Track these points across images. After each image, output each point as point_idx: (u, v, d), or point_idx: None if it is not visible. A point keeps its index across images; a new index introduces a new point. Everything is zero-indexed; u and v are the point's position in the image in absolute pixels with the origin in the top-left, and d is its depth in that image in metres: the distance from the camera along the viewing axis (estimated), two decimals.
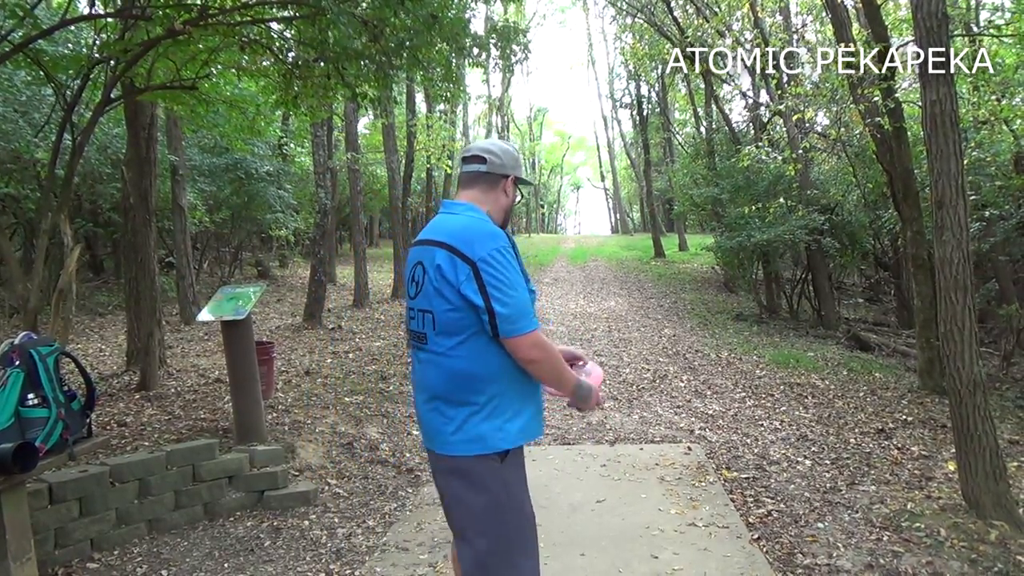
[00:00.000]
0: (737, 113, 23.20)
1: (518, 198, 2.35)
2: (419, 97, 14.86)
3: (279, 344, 9.05)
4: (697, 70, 14.71)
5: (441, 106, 15.75)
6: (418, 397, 2.18)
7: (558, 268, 23.05)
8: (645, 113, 29.65)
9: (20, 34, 4.95)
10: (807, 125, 12.47)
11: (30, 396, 2.84)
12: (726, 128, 17.41)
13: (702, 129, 21.42)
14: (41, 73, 5.03)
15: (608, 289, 17.17)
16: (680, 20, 16.42)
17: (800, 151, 11.12)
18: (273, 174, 14.76)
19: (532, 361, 2.02)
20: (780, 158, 11.68)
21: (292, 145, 17.81)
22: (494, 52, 6.87)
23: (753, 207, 12.22)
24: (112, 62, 4.96)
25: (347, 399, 6.58)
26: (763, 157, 11.59)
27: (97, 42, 5.73)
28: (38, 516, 3.43)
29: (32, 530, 2.86)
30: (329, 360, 8.36)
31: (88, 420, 3.11)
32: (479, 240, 2.00)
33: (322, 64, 5.59)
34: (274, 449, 4.66)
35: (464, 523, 2.10)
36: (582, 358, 2.42)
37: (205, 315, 4.90)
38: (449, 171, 19.91)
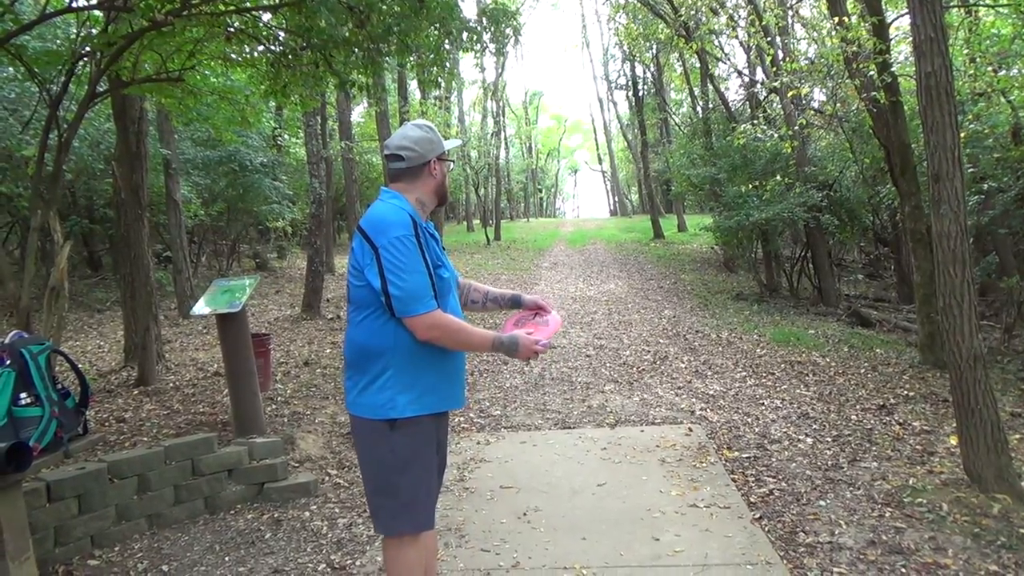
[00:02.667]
0: (733, 91, 23.12)
1: (450, 167, 2.58)
2: (412, 84, 14.78)
3: (278, 336, 9.04)
4: (691, 47, 14.59)
5: (436, 92, 15.66)
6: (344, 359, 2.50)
7: (557, 252, 23.02)
8: (641, 94, 29.59)
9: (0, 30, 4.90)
10: (803, 101, 12.40)
11: (22, 396, 2.82)
12: (722, 107, 17.35)
13: (698, 109, 21.27)
14: (26, 70, 4.98)
15: (607, 272, 17.14)
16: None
17: (797, 128, 11.08)
18: (268, 165, 14.71)
19: (431, 339, 2.25)
20: (777, 135, 11.63)
21: (286, 136, 17.76)
22: (485, 36, 6.79)
23: (751, 185, 12.18)
24: (97, 55, 4.91)
25: None
26: (759, 135, 11.55)
27: (81, 36, 5.67)
28: (37, 515, 3.43)
29: (31, 529, 2.85)
30: (328, 350, 8.35)
31: (83, 417, 3.09)
32: (385, 228, 2.22)
33: (310, 52, 5.53)
34: (273, 441, 4.65)
35: (360, 467, 2.45)
36: (544, 308, 2.66)
37: (199, 308, 4.88)
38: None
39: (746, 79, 17.34)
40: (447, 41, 6.22)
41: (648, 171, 29.61)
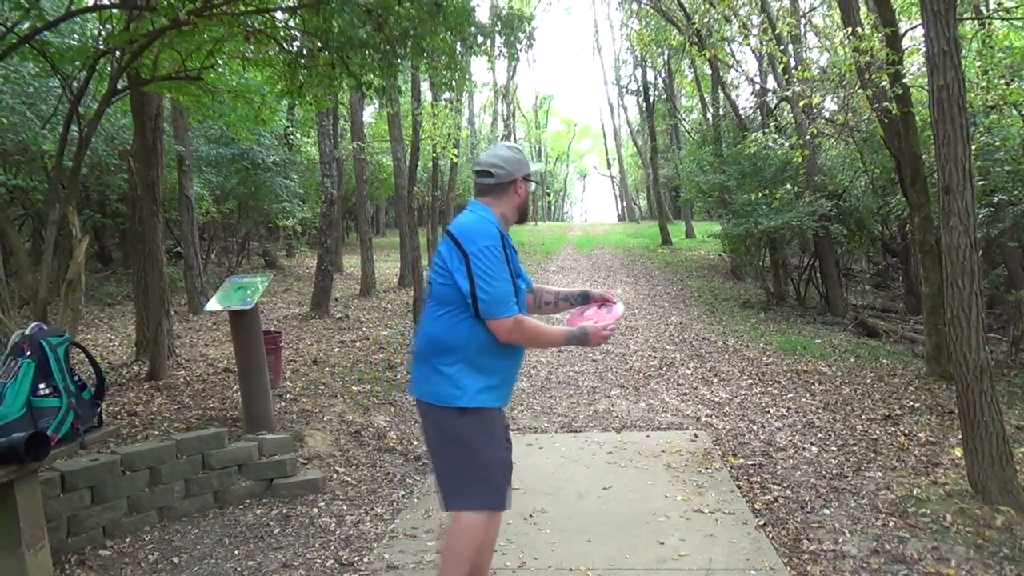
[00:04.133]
0: (744, 99, 23.12)
1: (531, 187, 2.79)
2: (424, 86, 14.84)
3: (287, 333, 9.09)
4: (704, 54, 14.62)
5: (447, 95, 15.70)
6: (413, 351, 2.66)
7: (564, 256, 23.03)
8: (651, 100, 29.53)
9: (26, 26, 4.97)
10: (814, 111, 12.38)
11: (41, 386, 2.88)
12: (733, 114, 17.35)
13: (709, 115, 21.29)
14: (47, 65, 5.04)
15: (615, 277, 17.16)
16: (686, 5, 16.32)
17: (807, 137, 11.03)
18: (279, 164, 14.78)
19: (512, 340, 2.47)
20: (787, 144, 11.60)
21: (298, 135, 17.83)
22: (498, 40, 6.83)
23: (760, 193, 12.18)
24: (118, 53, 4.98)
25: (354, 388, 6.62)
26: (770, 143, 11.53)
27: (102, 33, 5.74)
28: (51, 504, 3.48)
29: (45, 518, 2.90)
30: (336, 349, 8.40)
31: (99, 409, 3.14)
32: (475, 236, 2.44)
33: (326, 53, 5.58)
34: (283, 437, 4.70)
35: (429, 449, 2.68)
36: (609, 299, 2.92)
37: (213, 305, 4.93)
38: (455, 159, 19.87)
39: (757, 87, 17.35)
40: (460, 45, 6.27)
41: (657, 177, 29.61)
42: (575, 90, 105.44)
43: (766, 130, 12.04)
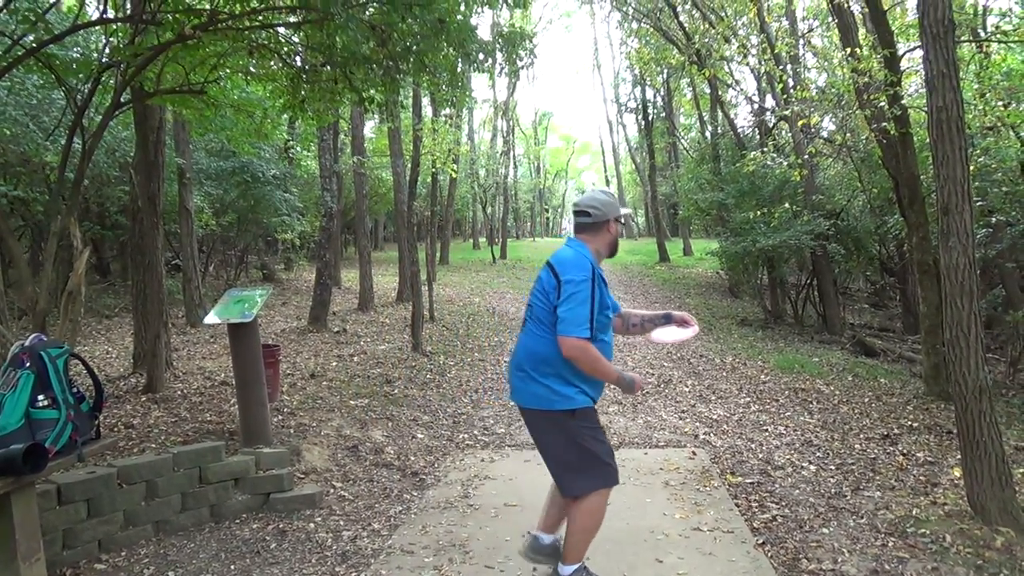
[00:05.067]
0: (742, 118, 23.22)
1: (621, 229, 3.26)
2: (425, 101, 14.92)
3: (284, 347, 9.07)
4: (703, 73, 14.72)
5: (447, 111, 15.77)
6: (511, 361, 3.10)
7: None
8: (650, 118, 29.71)
9: (32, 39, 4.99)
10: (813, 130, 12.47)
11: (40, 398, 2.87)
12: (731, 133, 17.43)
13: (707, 134, 21.41)
14: (52, 77, 5.06)
15: (613, 294, 17.16)
16: (686, 25, 16.45)
17: (806, 156, 11.13)
18: (279, 177, 14.80)
19: (571, 357, 2.82)
20: (785, 163, 11.68)
21: (298, 149, 17.87)
22: (500, 57, 6.87)
23: (758, 212, 12.24)
24: (122, 66, 5.00)
25: (352, 402, 6.60)
26: (768, 162, 11.61)
27: (107, 47, 5.77)
28: (47, 517, 3.46)
29: (41, 531, 2.88)
30: (334, 363, 8.38)
31: (96, 422, 3.13)
32: (570, 268, 2.88)
33: (329, 68, 5.61)
34: (280, 452, 4.68)
35: (539, 447, 3.09)
36: (688, 321, 3.32)
37: (212, 318, 4.93)
38: (455, 175, 19.93)
39: (756, 106, 17.44)
40: (462, 61, 6.30)
41: (655, 194, 29.72)
42: (574, 107, 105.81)
43: (764, 149, 12.12)
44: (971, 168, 4.63)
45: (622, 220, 3.19)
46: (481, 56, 5.98)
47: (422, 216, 21.51)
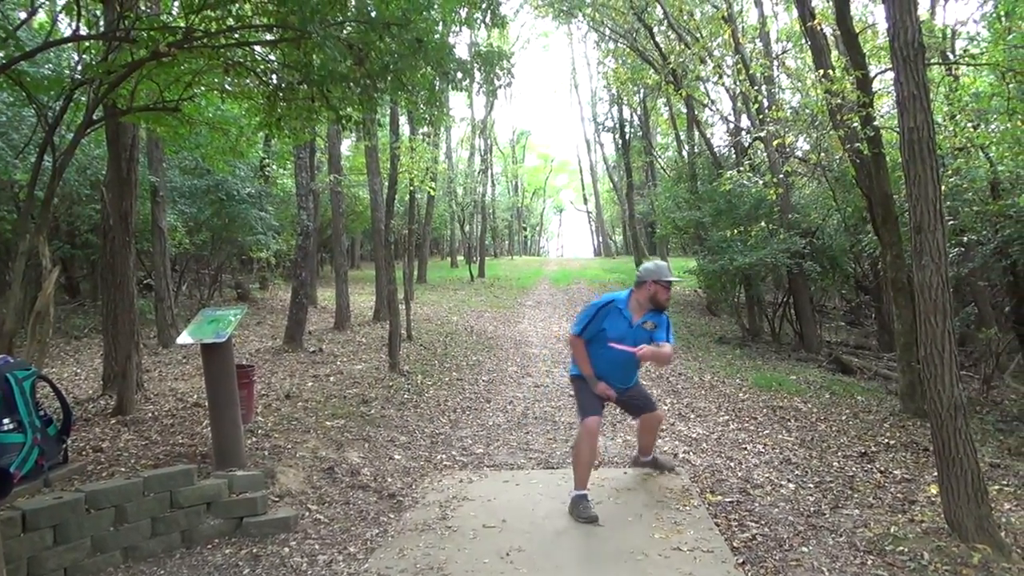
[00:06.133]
0: (719, 137, 23.52)
1: (657, 293, 4.63)
2: (402, 119, 14.93)
3: (259, 367, 8.97)
4: (680, 93, 14.90)
5: (424, 128, 15.79)
6: None
7: (541, 291, 23.11)
8: (627, 137, 29.92)
9: (2, 55, 4.94)
10: (788, 150, 12.65)
11: (5, 421, 2.82)
12: (708, 152, 17.65)
13: (684, 153, 21.60)
14: (22, 94, 5.01)
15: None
16: (662, 46, 16.66)
17: (781, 176, 11.27)
18: (255, 196, 14.72)
19: (571, 347, 4.87)
20: (761, 182, 11.82)
21: (274, 167, 17.78)
22: (478, 76, 6.91)
23: (735, 231, 12.37)
24: (95, 83, 4.96)
25: (328, 423, 6.54)
26: (744, 181, 11.75)
27: (80, 64, 5.72)
28: (11, 545, 3.36)
29: (4, 559, 2.80)
30: (310, 383, 8.31)
31: (64, 446, 3.08)
32: (599, 299, 4.75)
33: (306, 87, 5.60)
34: (253, 475, 4.61)
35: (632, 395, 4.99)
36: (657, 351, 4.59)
37: (185, 338, 4.86)
38: (433, 192, 19.94)
39: (732, 125, 17.69)
40: (440, 80, 6.33)
41: (633, 213, 29.86)
42: (552, 126, 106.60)
43: (740, 168, 12.27)
44: (943, 188, 4.72)
45: (662, 283, 4.58)
46: (459, 75, 6.01)
47: (399, 234, 21.47)
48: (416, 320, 14.24)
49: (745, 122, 17.54)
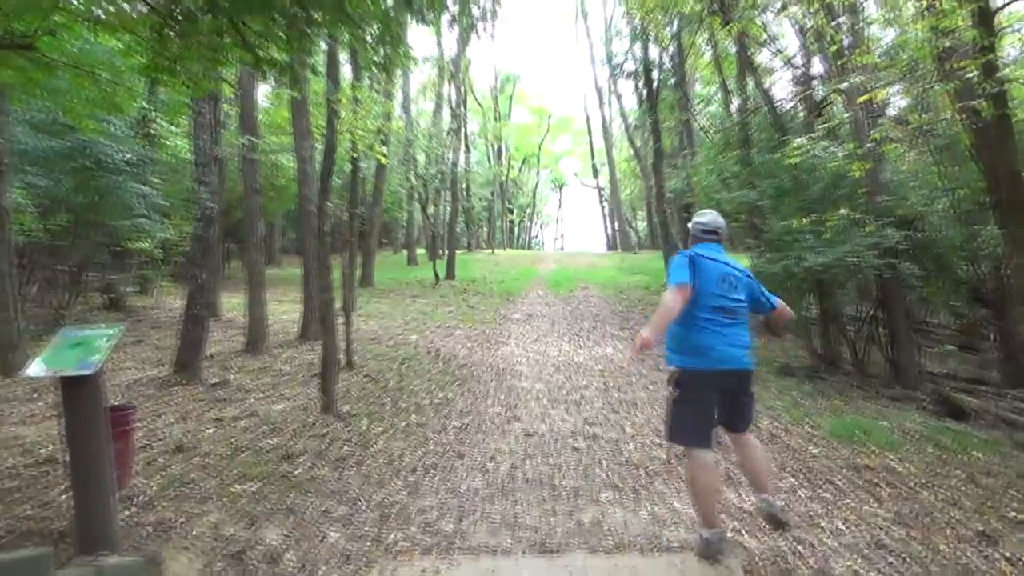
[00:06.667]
0: (782, 88, 23.63)
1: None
2: (343, 60, 14.94)
3: (140, 407, 8.92)
4: (729, 29, 14.95)
5: (371, 73, 15.78)
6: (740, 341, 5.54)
7: (533, 299, 23.16)
8: (655, 85, 29.98)
9: None
10: (878, 108, 12.72)
11: None
12: (767, 109, 17.70)
13: (733, 109, 21.71)
14: None
15: (603, 330, 17.27)
16: None
17: (869, 144, 11.32)
18: (134, 164, 14.67)
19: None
20: (841, 153, 11.87)
21: (162, 123, 17.71)
22: (450, 6, 6.93)
23: (804, 219, 12.39)
24: None
25: (236, 487, 6.50)
26: (818, 152, 11.77)
27: None
28: None
29: None
30: (210, 430, 8.27)
31: None
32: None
33: (212, 17, 5.59)
34: (131, 562, 4.58)
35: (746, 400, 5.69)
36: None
37: (37, 368, 4.82)
38: (384, 161, 19.93)
39: (800, 73, 17.77)
40: (398, 9, 6.33)
41: (662, 191, 29.94)
42: (550, 68, 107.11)
43: (813, 134, 12.30)
44: None
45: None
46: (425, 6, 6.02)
47: (337, 219, 21.43)
48: (360, 339, 14.21)
49: (818, 67, 17.63)
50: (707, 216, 5.85)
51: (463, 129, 38.47)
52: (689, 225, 6.00)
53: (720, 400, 5.45)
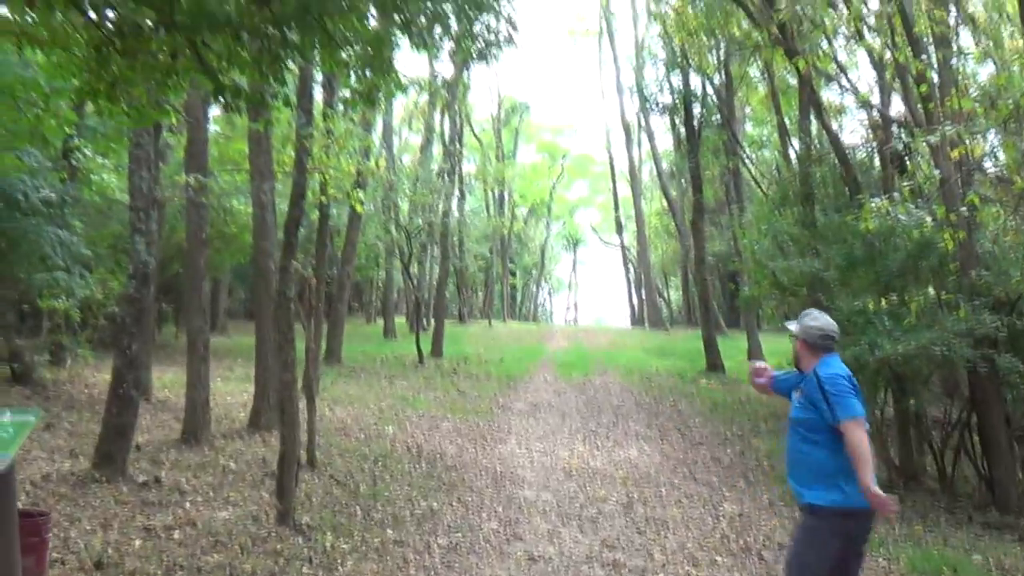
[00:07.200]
0: (853, 133, 23.76)
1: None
2: (316, 85, 15.11)
3: (52, 510, 8.89)
4: (793, 61, 15.13)
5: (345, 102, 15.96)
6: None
7: (539, 385, 23.14)
8: (696, 123, 30.22)
9: None
10: (975, 163, 12.80)
11: None
12: (834, 158, 17.80)
13: (792, 156, 21.85)
14: None
15: (626, 426, 17.22)
16: None
17: (963, 208, 11.38)
18: (53, 203, 14.74)
19: None
20: (929, 218, 11.94)
21: (88, 153, 17.79)
22: (454, 26, 7.04)
23: (881, 298, 12.43)
24: None
25: None
26: (901, 215, 11.83)
27: None
28: None
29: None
30: (138, 543, 8.24)
31: None
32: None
33: (165, 33, 5.68)
34: None
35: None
36: None
37: None
38: (361, 209, 20.06)
39: (878, 115, 17.92)
40: (382, 28, 6.45)
41: (702, 254, 30.11)
42: (566, 97, 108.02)
43: (892, 194, 12.35)
44: None
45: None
46: (437, 28, 6.13)
47: (302, 280, 21.55)
48: (325, 431, 14.18)
49: (899, 108, 17.77)
50: (822, 319, 6.00)
51: (458, 170, 38.55)
52: (793, 327, 6.18)
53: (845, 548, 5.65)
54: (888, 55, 15.61)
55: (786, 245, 17.33)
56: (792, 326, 6.19)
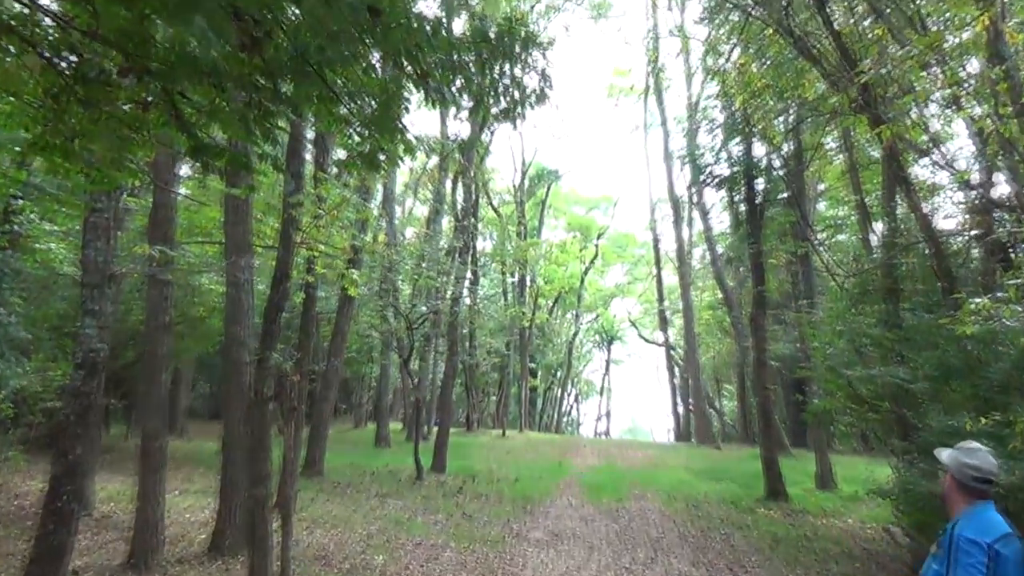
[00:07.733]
0: (949, 217, 23.76)
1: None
2: (308, 137, 15.25)
3: None
4: (880, 132, 15.23)
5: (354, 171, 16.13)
6: None
7: (562, 509, 23.01)
8: (759, 200, 30.27)
9: None
10: None
11: None
12: (925, 247, 17.82)
13: (874, 240, 21.84)
14: None
15: (668, 563, 17.10)
16: (843, 32, 17.18)
17: None
18: None
19: None
20: None
21: (32, 215, 17.95)
22: (476, 80, 7.12)
23: (981, 417, 12.39)
24: None
25: None
26: (1005, 318, 11.84)
27: None
28: None
29: None
30: None
31: None
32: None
33: (137, 81, 5.77)
34: None
35: None
36: None
37: None
38: (355, 292, 20.15)
39: (977, 196, 17.97)
40: (397, 83, 6.53)
41: (763, 357, 30.01)
42: (602, 165, 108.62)
43: (997, 292, 12.35)
44: None
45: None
46: (459, 81, 6.21)
47: (282, 375, 21.62)
48: (301, 559, 14.12)
49: (1004, 191, 17.80)
50: (980, 456, 5.81)
51: (471, 248, 38.50)
52: (943, 457, 6.06)
53: None
54: (991, 126, 15.63)
55: (865, 349, 17.29)
56: (943, 455, 6.02)
